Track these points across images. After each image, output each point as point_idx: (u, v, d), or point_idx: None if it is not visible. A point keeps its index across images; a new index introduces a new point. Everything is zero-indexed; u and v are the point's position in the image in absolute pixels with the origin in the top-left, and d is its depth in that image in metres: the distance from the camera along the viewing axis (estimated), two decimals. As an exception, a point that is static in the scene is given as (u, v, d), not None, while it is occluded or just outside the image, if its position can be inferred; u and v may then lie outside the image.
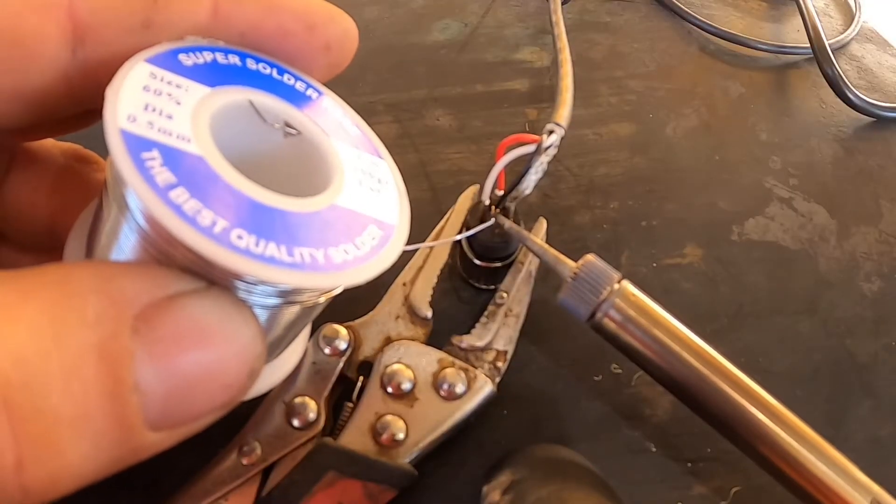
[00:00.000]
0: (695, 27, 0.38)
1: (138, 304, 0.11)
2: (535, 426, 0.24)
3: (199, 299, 0.12)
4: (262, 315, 0.14)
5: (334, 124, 0.16)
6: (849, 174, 0.32)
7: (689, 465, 0.23)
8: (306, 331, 0.19)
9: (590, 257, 0.21)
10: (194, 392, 0.12)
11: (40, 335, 0.10)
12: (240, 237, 0.12)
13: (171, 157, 0.12)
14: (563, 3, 0.33)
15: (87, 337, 0.11)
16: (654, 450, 0.24)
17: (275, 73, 0.16)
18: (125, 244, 0.13)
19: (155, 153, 0.12)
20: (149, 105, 0.12)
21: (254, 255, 0.12)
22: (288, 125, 0.15)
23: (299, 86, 0.16)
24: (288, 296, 0.14)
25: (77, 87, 0.14)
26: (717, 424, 0.20)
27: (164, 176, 0.12)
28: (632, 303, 0.20)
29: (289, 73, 0.16)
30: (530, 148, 0.22)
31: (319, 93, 0.16)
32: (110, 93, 0.12)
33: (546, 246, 0.22)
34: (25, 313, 0.10)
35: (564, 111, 0.24)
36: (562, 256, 0.21)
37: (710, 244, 0.29)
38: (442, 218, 0.26)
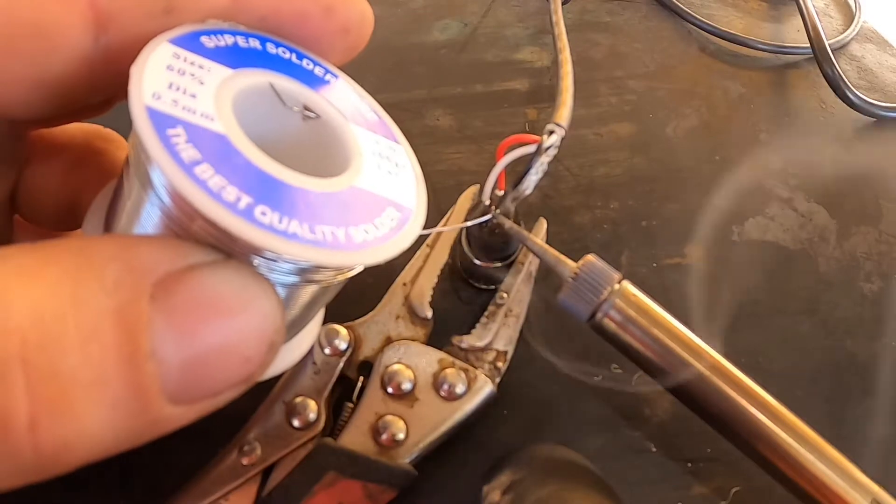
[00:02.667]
0: (695, 27, 0.38)
1: (157, 273, 0.11)
2: (535, 426, 0.24)
3: (218, 270, 0.12)
4: (281, 293, 0.14)
5: (352, 108, 0.16)
6: (849, 174, 0.32)
7: (689, 465, 0.23)
8: (321, 314, 0.19)
9: (590, 257, 0.21)
10: (213, 364, 0.12)
11: (59, 297, 0.10)
12: (263, 213, 0.12)
13: (196, 135, 0.12)
14: (563, 3, 0.33)
15: (104, 302, 0.11)
16: (654, 450, 0.24)
17: (294, 58, 0.16)
18: (147, 221, 0.13)
19: (180, 130, 0.12)
20: (173, 84, 0.13)
21: (277, 231, 0.12)
22: (307, 108, 0.15)
23: (318, 71, 0.16)
24: (307, 274, 0.14)
25: (99, 73, 0.14)
26: (717, 425, 0.20)
27: (189, 153, 0.12)
28: (632, 303, 0.20)
29: (308, 58, 0.16)
30: (531, 148, 0.22)
31: (337, 78, 0.17)
32: (135, 70, 0.12)
33: (546, 246, 0.22)
34: (45, 277, 0.10)
35: (565, 111, 0.24)
36: (562, 257, 0.21)
37: (710, 244, 0.29)
38: (442, 218, 0.26)
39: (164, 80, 0.13)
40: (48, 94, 0.14)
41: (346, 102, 0.16)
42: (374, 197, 0.15)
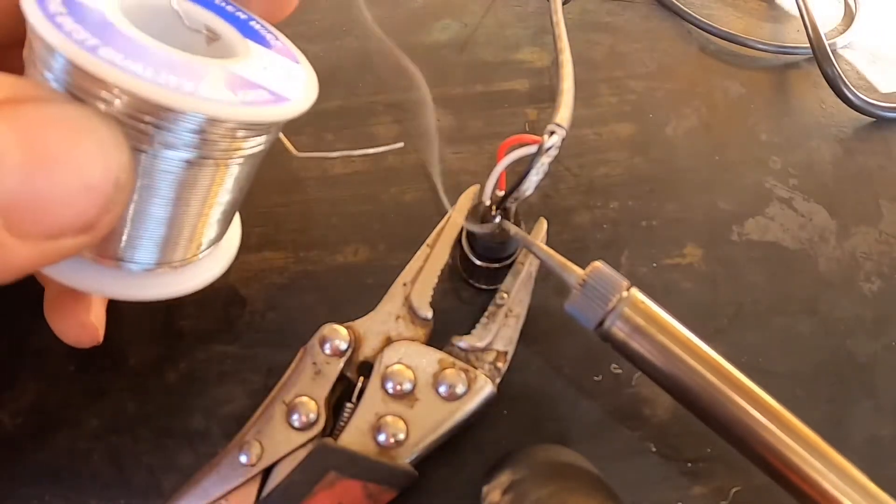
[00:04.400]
0: (695, 27, 0.38)
1: (6, 92, 0.11)
2: (535, 426, 0.24)
3: (69, 103, 0.12)
4: (166, 170, 0.14)
5: (258, 36, 0.17)
6: (849, 174, 0.32)
7: (689, 465, 0.23)
8: (234, 236, 0.20)
9: (597, 264, 0.20)
10: (54, 180, 0.12)
11: None
12: (107, 53, 0.12)
13: (73, 5, 0.13)
14: (563, 3, 0.33)
15: None
16: (654, 450, 0.24)
17: None
18: (29, 72, 0.14)
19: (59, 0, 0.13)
20: None
21: (114, 64, 0.12)
22: (209, 30, 0.16)
23: (230, 8, 0.17)
24: (181, 144, 0.14)
25: None
26: (727, 435, 0.20)
27: (57, 8, 0.13)
28: (641, 311, 0.20)
29: None
30: (531, 149, 0.22)
31: (249, 16, 0.17)
32: None
33: (552, 252, 0.22)
34: None
35: (565, 112, 0.24)
36: (568, 263, 0.21)
37: (710, 244, 0.29)
38: (442, 218, 0.26)
39: None
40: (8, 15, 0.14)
41: (253, 31, 0.17)
42: (246, 81, 0.15)
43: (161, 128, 0.14)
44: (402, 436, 0.21)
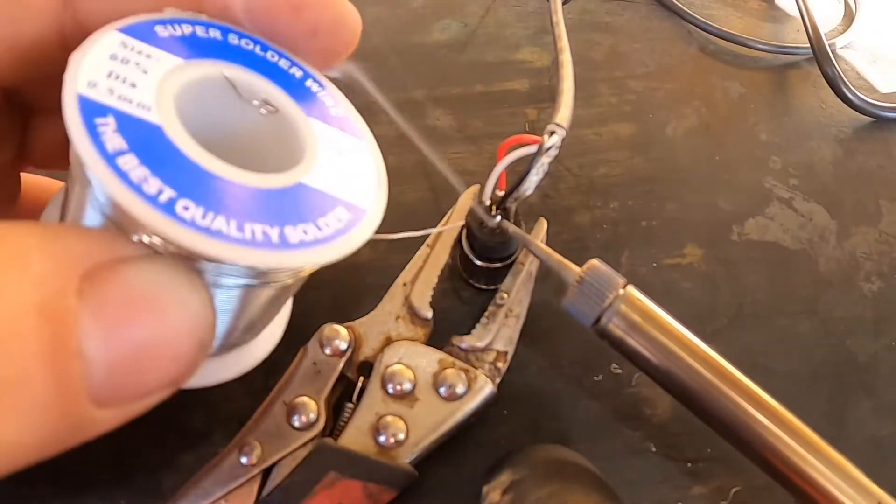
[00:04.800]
0: (695, 27, 0.38)
1: (84, 265, 0.11)
2: (535, 426, 0.24)
3: (147, 264, 0.11)
4: (233, 296, 0.13)
5: (317, 104, 0.15)
6: (849, 174, 0.32)
7: (689, 465, 0.23)
8: (284, 317, 0.19)
9: (594, 262, 0.21)
10: (141, 363, 0.11)
11: None
12: (186, 208, 0.11)
13: (127, 124, 0.12)
14: (563, 3, 0.33)
15: (29, 294, 0.10)
16: (654, 450, 0.24)
17: (258, 50, 0.15)
18: (84, 215, 0.13)
19: (109, 119, 0.12)
20: (113, 72, 0.12)
21: (199, 228, 0.11)
22: (266, 102, 0.15)
23: (283, 63, 0.15)
24: (256, 276, 0.13)
25: (71, 40, 0.14)
26: (723, 431, 0.20)
27: (115, 142, 0.11)
28: (637, 308, 0.20)
29: (273, 49, 0.15)
30: (531, 149, 0.22)
31: (304, 72, 0.16)
32: (74, 57, 0.12)
33: (550, 251, 0.22)
34: None
35: (565, 112, 0.24)
36: (566, 261, 0.21)
37: (710, 244, 0.29)
38: (442, 218, 0.26)
39: (103, 68, 0.12)
40: (22, 57, 0.14)
41: (312, 97, 0.15)
42: (323, 196, 0.14)
43: (232, 271, 0.13)
44: (402, 436, 0.21)
